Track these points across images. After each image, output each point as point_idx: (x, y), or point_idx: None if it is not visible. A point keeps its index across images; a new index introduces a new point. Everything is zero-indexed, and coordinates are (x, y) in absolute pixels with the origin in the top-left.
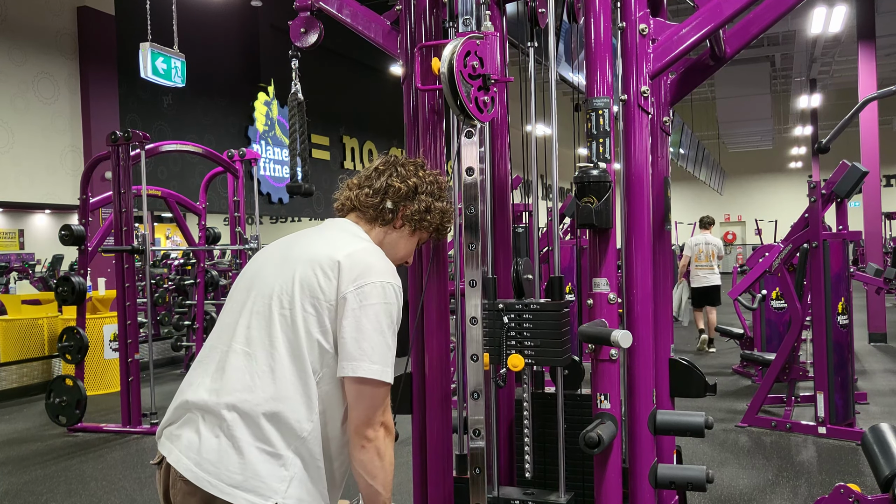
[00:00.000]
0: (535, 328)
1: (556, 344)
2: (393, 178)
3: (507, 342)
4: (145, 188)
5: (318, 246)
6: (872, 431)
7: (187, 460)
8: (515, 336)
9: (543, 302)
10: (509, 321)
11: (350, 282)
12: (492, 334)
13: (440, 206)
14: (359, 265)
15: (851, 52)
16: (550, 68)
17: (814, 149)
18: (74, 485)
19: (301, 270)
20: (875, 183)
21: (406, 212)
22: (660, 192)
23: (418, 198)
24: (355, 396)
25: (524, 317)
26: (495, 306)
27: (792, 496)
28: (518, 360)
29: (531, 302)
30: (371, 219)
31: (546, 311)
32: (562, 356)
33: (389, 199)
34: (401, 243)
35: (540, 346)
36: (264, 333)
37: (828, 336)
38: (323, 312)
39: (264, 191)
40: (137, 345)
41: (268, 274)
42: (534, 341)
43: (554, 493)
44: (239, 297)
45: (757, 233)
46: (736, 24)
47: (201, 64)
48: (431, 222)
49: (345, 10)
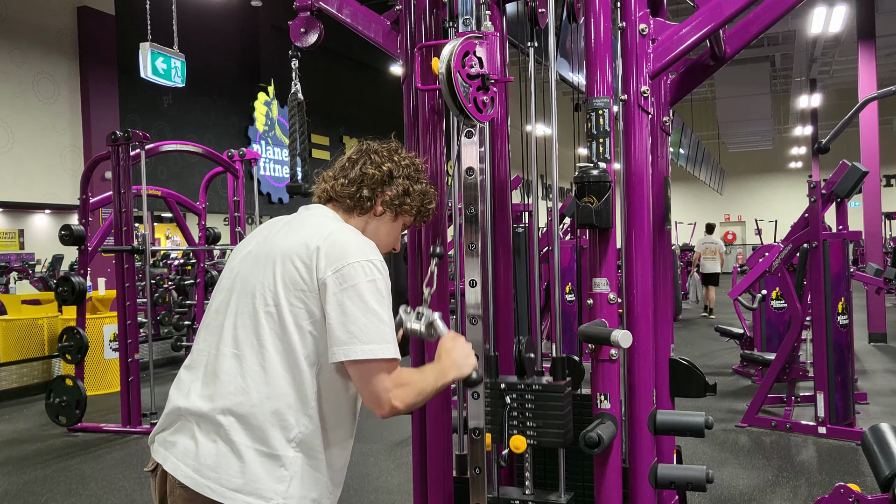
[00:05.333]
0: (538, 409)
1: (559, 425)
2: (367, 165)
3: (510, 422)
4: (145, 188)
5: (295, 237)
6: (872, 431)
7: (185, 467)
8: (518, 416)
9: (545, 383)
10: (511, 401)
11: (328, 266)
12: (493, 413)
13: (419, 189)
14: (336, 248)
15: (851, 52)
16: (550, 68)
17: (814, 149)
18: (74, 485)
19: (281, 265)
20: (875, 183)
21: (385, 197)
22: (660, 192)
23: (395, 182)
24: (356, 379)
25: (526, 397)
26: (497, 385)
27: (792, 496)
28: (521, 442)
29: (533, 382)
30: (349, 209)
31: (548, 392)
32: (564, 437)
33: (366, 186)
34: (383, 230)
35: (542, 427)
36: (251, 333)
37: (828, 336)
38: (310, 302)
39: (264, 191)
40: (137, 345)
41: (248, 272)
42: (536, 422)
43: (554, 493)
44: (222, 299)
45: (757, 233)
46: (736, 24)
47: (201, 64)
48: (412, 205)
49: (345, 9)
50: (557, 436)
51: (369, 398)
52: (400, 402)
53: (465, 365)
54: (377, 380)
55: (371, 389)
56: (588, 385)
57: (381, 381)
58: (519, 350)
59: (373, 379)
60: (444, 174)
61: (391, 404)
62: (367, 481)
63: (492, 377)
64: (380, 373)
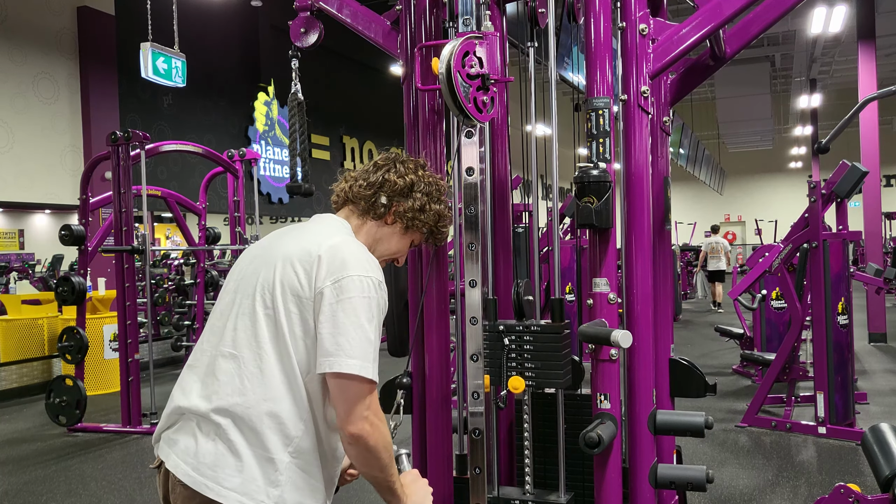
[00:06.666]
0: (536, 350)
1: (557, 366)
2: (390, 172)
3: (508, 364)
4: (145, 188)
5: (299, 242)
6: (872, 431)
7: (185, 465)
8: (516, 358)
9: (544, 324)
10: (510, 343)
11: (327, 276)
12: (492, 356)
13: (436, 209)
14: (337, 259)
15: (851, 52)
16: (550, 68)
17: (814, 149)
18: (74, 485)
19: (281, 269)
20: (875, 183)
21: (399, 208)
22: (660, 192)
23: (413, 195)
24: (335, 393)
25: (525, 339)
26: (496, 328)
27: (792, 496)
28: (519, 383)
29: (532, 324)
30: (363, 211)
31: (546, 333)
32: (562, 378)
33: (384, 193)
34: (393, 240)
35: (540, 369)
36: (250, 334)
37: (828, 336)
38: (306, 310)
39: (264, 191)
40: (137, 345)
41: (251, 274)
42: (534, 363)
43: (554, 493)
44: (226, 299)
45: (757, 233)
46: (736, 24)
47: (201, 64)
48: (424, 222)
49: (345, 10)
50: (556, 377)
51: (344, 412)
52: (369, 432)
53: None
54: (357, 399)
55: (348, 406)
56: (588, 385)
57: (361, 401)
58: (517, 293)
59: (352, 396)
60: (444, 174)
61: (360, 427)
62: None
63: (490, 320)
64: (361, 394)
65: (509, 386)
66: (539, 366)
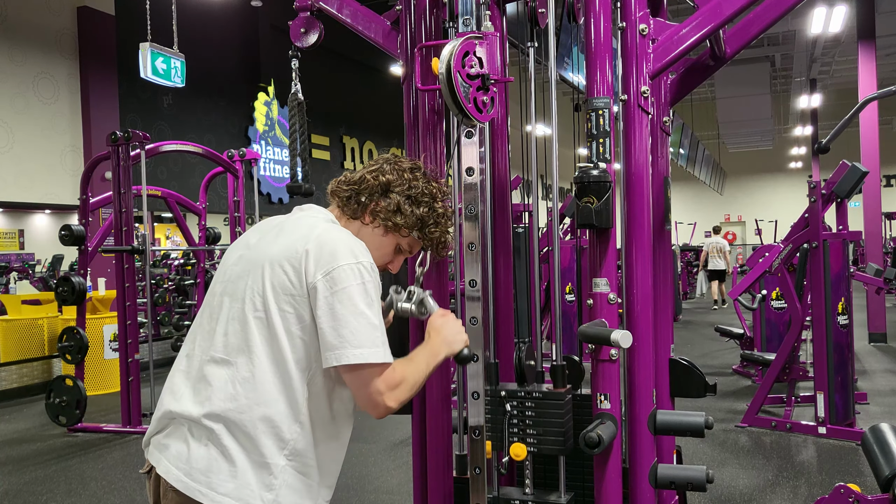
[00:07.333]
0: (538, 416)
1: (559, 433)
2: (372, 172)
3: (510, 429)
4: (145, 188)
5: (284, 240)
6: (872, 431)
7: (177, 471)
8: (518, 424)
9: (546, 391)
10: (511, 409)
11: (317, 269)
12: (494, 420)
13: (419, 212)
14: (325, 250)
15: (851, 52)
16: (550, 68)
17: (814, 149)
18: (74, 485)
19: (270, 272)
20: (875, 183)
21: (375, 207)
22: (660, 192)
23: (390, 195)
24: (351, 384)
25: (526, 405)
26: (497, 393)
27: (792, 496)
28: (521, 450)
29: (534, 390)
30: (341, 207)
31: (548, 399)
32: (564, 444)
33: (362, 192)
34: (371, 241)
35: (542, 435)
36: (241, 339)
37: (828, 336)
38: (300, 307)
39: (264, 191)
40: (137, 345)
41: (238, 276)
42: (536, 429)
43: (554, 493)
44: (214, 302)
45: (757, 233)
46: (736, 24)
47: (201, 64)
48: (404, 225)
49: (345, 10)
50: (557, 443)
51: (364, 401)
52: (394, 403)
53: (455, 342)
54: (371, 384)
55: (365, 393)
56: (588, 385)
57: (375, 384)
58: (519, 357)
59: (366, 383)
60: (444, 174)
61: (386, 406)
62: (367, 481)
63: (492, 384)
64: (373, 377)
65: (511, 453)
66: (541, 431)
